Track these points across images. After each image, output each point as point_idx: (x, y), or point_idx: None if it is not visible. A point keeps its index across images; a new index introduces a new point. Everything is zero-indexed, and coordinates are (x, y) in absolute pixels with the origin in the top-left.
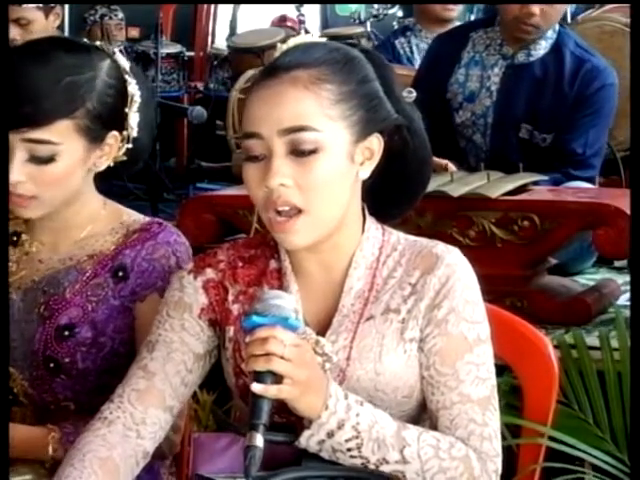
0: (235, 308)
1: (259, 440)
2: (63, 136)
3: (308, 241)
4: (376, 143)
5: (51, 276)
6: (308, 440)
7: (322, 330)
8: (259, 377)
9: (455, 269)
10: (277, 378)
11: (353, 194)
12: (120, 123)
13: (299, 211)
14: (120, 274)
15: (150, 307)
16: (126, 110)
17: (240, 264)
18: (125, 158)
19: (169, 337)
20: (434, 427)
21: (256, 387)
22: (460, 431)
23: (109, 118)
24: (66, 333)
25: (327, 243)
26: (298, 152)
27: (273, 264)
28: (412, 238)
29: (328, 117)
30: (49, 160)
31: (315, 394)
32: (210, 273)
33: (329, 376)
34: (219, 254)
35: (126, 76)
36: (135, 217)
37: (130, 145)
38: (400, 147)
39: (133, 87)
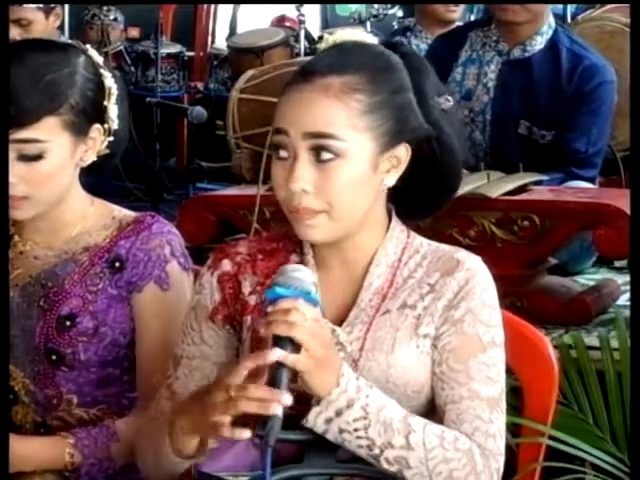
0: (252, 299)
1: (278, 409)
2: (50, 133)
3: (326, 237)
4: (403, 152)
5: (48, 270)
6: (316, 418)
7: (339, 322)
8: (278, 344)
9: (475, 273)
10: (295, 349)
11: (376, 198)
12: (101, 116)
13: (320, 212)
14: (117, 265)
15: (148, 298)
16: (105, 103)
17: (260, 256)
18: (108, 151)
19: (191, 352)
20: (440, 422)
21: (277, 352)
22: (466, 426)
23: (92, 112)
24: (67, 323)
25: (349, 241)
26: (319, 157)
27: (294, 258)
28: (435, 244)
29: (354, 128)
30: (38, 158)
31: (329, 371)
32: (226, 265)
33: (344, 370)
34: (240, 245)
35: (101, 70)
36: (126, 212)
37: (111, 138)
38: (428, 156)
39: (109, 80)
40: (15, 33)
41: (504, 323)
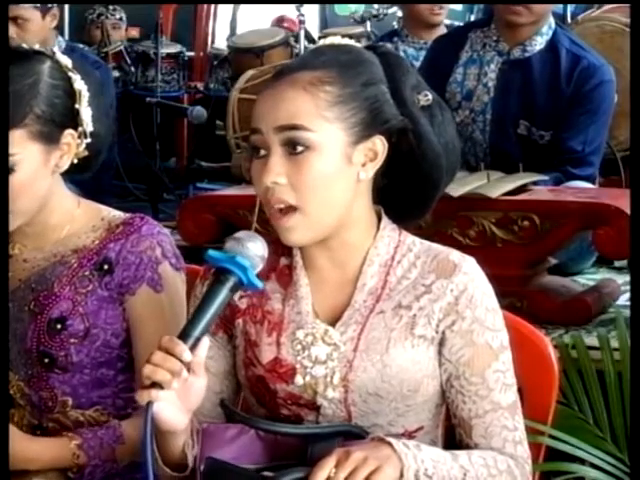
0: (244, 302)
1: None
2: (18, 146)
3: (304, 239)
4: (379, 145)
5: (38, 273)
6: None
7: (333, 322)
8: None
9: (473, 277)
10: None
11: (356, 194)
12: (73, 120)
13: (295, 209)
14: (105, 267)
15: (142, 300)
16: (77, 106)
17: None
18: (87, 153)
19: None
20: (468, 435)
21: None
22: (495, 439)
23: (61, 118)
24: (58, 326)
25: (336, 240)
26: (291, 150)
27: (284, 261)
28: (427, 243)
29: (323, 118)
30: (9, 172)
31: (393, 465)
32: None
33: (389, 438)
34: None
35: (70, 73)
36: (114, 213)
37: (89, 140)
38: (408, 150)
39: (79, 83)
40: (11, 31)
41: (504, 323)
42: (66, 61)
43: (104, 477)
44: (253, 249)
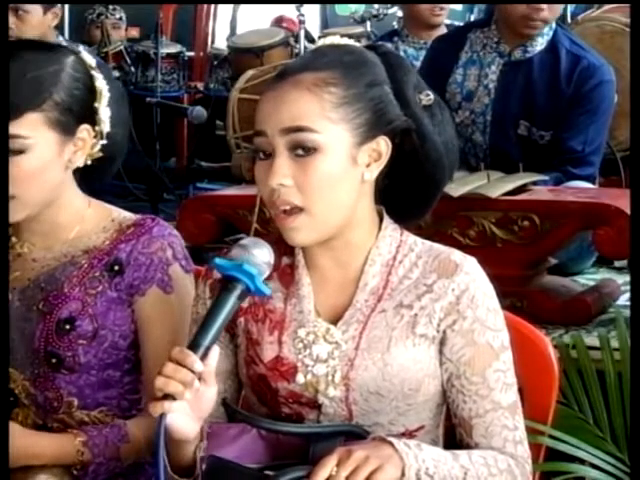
0: (245, 301)
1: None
2: (33, 129)
3: (309, 239)
4: (383, 145)
5: (47, 273)
6: None
7: (335, 321)
8: None
9: (474, 277)
10: None
11: (361, 195)
12: (91, 117)
13: (300, 210)
14: (116, 268)
15: (152, 301)
16: (96, 104)
17: None
18: (101, 154)
19: None
20: (468, 435)
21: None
22: (495, 439)
23: (79, 111)
24: (67, 327)
25: (339, 240)
26: (297, 152)
27: (285, 260)
28: (428, 243)
29: (329, 119)
30: (19, 153)
31: (394, 464)
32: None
33: (390, 438)
34: None
35: (92, 71)
36: (125, 214)
37: (105, 141)
38: (411, 150)
39: (100, 82)
40: (10, 21)
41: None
42: (90, 60)
43: (108, 476)
44: (260, 256)
